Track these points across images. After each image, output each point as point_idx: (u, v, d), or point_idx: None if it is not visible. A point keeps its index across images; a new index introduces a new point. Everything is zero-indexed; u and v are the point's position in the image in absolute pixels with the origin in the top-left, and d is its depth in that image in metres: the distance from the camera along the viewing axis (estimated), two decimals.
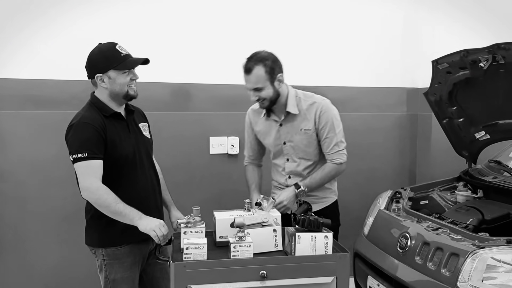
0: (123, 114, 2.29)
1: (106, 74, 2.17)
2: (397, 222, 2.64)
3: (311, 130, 2.56)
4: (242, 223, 2.00)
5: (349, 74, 3.78)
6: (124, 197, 2.09)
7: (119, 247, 2.20)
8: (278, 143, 2.64)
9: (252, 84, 2.44)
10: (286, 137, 2.61)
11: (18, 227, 3.21)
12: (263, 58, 2.43)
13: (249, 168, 2.80)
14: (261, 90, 2.45)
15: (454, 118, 3.10)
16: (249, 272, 1.90)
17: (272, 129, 2.65)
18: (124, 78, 2.18)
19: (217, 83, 3.51)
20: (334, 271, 1.97)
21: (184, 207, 2.40)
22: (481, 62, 2.58)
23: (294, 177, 2.63)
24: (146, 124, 2.43)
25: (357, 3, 3.78)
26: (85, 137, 2.09)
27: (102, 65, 2.17)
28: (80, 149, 2.07)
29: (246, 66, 2.45)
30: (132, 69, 2.21)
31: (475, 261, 2.06)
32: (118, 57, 2.16)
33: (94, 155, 2.08)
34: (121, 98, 2.22)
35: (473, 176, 3.03)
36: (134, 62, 2.20)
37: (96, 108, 2.20)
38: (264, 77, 2.42)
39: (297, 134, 2.58)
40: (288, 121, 2.59)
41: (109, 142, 2.14)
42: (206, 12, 3.45)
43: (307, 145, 2.58)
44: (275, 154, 2.69)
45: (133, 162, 2.23)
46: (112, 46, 2.18)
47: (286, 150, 2.63)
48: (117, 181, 2.16)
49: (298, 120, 2.57)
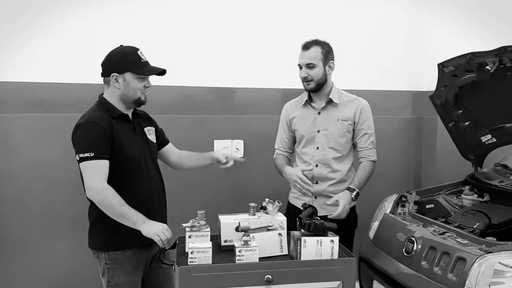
0: (130, 117, 2.30)
1: (122, 75, 2.17)
2: (403, 226, 2.62)
3: (347, 122, 2.68)
4: (247, 227, 1.99)
5: (354, 77, 3.77)
6: (128, 199, 2.08)
7: (122, 252, 2.18)
8: (312, 130, 2.70)
9: (306, 60, 2.61)
10: (321, 125, 2.69)
11: (22, 230, 3.21)
12: (322, 42, 2.65)
13: (279, 156, 2.83)
14: (313, 68, 2.60)
15: (460, 121, 3.08)
16: (254, 276, 1.89)
17: (309, 116, 2.72)
18: (138, 84, 2.19)
19: (222, 86, 3.51)
20: (340, 275, 1.95)
21: (189, 211, 2.39)
22: (488, 65, 2.57)
23: (322, 166, 2.68)
24: (152, 128, 2.42)
25: (362, 6, 3.77)
26: (92, 137, 2.09)
27: (121, 66, 2.17)
28: (87, 148, 2.07)
29: (305, 44, 2.63)
30: (148, 76, 2.22)
31: (482, 266, 2.04)
32: (138, 61, 2.18)
33: (101, 155, 2.08)
34: (131, 102, 2.22)
35: (479, 180, 3.01)
36: (152, 70, 2.22)
37: (104, 109, 2.20)
38: (319, 57, 2.60)
39: (333, 123, 2.67)
40: (327, 110, 2.70)
41: (116, 143, 2.14)
42: (211, 15, 3.45)
43: (340, 135, 2.67)
44: (306, 142, 2.72)
45: (139, 165, 2.23)
46: (134, 50, 2.20)
47: (318, 138, 2.69)
48: (123, 183, 2.15)
49: (337, 110, 2.69)
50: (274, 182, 2.97)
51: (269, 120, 3.20)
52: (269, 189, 2.85)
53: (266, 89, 3.60)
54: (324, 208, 2.63)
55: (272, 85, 3.59)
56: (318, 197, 2.67)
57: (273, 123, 2.94)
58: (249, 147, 3.55)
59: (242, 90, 3.56)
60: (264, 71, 3.59)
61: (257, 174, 3.57)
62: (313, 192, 2.67)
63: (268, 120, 3.30)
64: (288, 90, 3.33)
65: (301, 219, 2.06)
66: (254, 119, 3.59)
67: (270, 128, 3.00)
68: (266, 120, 3.44)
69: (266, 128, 3.27)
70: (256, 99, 3.59)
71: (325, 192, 2.66)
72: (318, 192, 2.67)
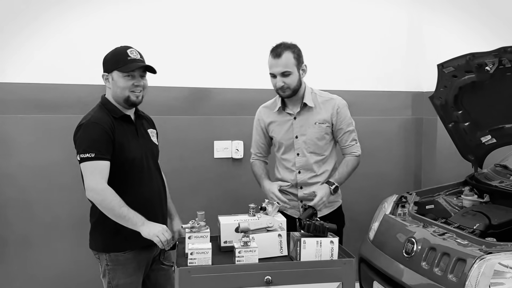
0: (133, 118, 2.29)
1: (110, 75, 2.18)
2: (402, 227, 2.62)
3: (325, 124, 2.63)
4: (247, 228, 1.99)
5: (353, 78, 3.77)
6: (129, 200, 2.08)
7: (123, 253, 2.18)
8: (290, 136, 2.66)
9: (281, 68, 2.51)
10: (299, 130, 2.64)
11: (23, 231, 3.21)
12: (291, 45, 2.55)
13: (256, 163, 2.81)
14: (288, 75, 2.52)
15: (460, 122, 3.08)
16: (254, 277, 1.89)
17: (285, 122, 2.68)
18: (125, 82, 2.16)
19: (222, 87, 3.51)
20: (339, 276, 1.95)
21: (189, 212, 2.39)
22: (487, 65, 2.57)
23: (305, 172, 2.65)
24: (154, 131, 2.42)
25: (361, 7, 3.77)
26: (94, 137, 2.09)
27: (109, 65, 2.19)
28: (88, 149, 2.07)
29: (276, 51, 2.53)
30: (133, 72, 2.17)
31: (482, 267, 2.04)
32: (124, 59, 2.16)
33: (102, 156, 2.08)
34: (122, 102, 2.21)
35: (479, 181, 3.01)
36: (134, 65, 2.17)
37: (106, 109, 2.20)
38: (292, 62, 2.52)
39: (311, 127, 2.63)
40: (303, 114, 2.64)
41: (117, 144, 2.14)
42: (210, 16, 3.45)
43: (319, 139, 2.63)
44: (286, 148, 2.69)
45: (140, 166, 2.22)
46: (124, 49, 2.19)
47: (297, 144, 2.65)
48: (124, 184, 2.15)
49: (313, 113, 2.64)
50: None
51: None
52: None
53: (266, 90, 3.56)
54: None
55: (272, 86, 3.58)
56: (304, 201, 2.59)
57: None
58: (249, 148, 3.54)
59: (242, 91, 3.55)
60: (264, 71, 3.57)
61: None
62: (299, 197, 2.65)
63: None
64: None
65: (301, 220, 2.06)
66: None
67: None
68: None
69: None
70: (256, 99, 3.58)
71: (310, 196, 2.56)
72: (303, 197, 2.61)
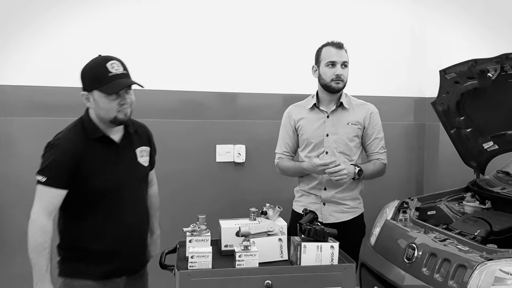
0: (117, 138, 2.04)
1: (91, 94, 1.92)
2: (404, 233, 2.62)
3: (357, 125, 2.65)
4: (248, 232, 1.99)
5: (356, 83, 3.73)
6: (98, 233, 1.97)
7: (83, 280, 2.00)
8: (320, 134, 2.66)
9: (344, 58, 2.59)
10: (330, 129, 2.64)
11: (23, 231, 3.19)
12: None
13: (284, 158, 2.78)
14: (346, 67, 2.61)
15: (462, 128, 3.08)
16: (254, 281, 1.89)
17: (317, 120, 2.68)
18: (109, 103, 1.89)
19: (224, 91, 3.52)
20: (340, 281, 1.94)
21: (190, 215, 2.39)
22: (489, 72, 2.57)
23: None
24: (146, 149, 2.16)
25: (365, 13, 3.78)
26: (51, 161, 1.88)
27: (88, 83, 1.92)
28: (42, 172, 1.88)
29: (337, 43, 2.61)
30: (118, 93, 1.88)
31: (483, 273, 2.03)
32: (104, 76, 1.87)
33: (55, 183, 1.88)
34: (108, 122, 1.95)
35: (481, 187, 3.01)
36: (118, 86, 1.88)
37: (83, 128, 1.97)
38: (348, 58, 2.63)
39: (343, 127, 2.64)
40: (336, 114, 2.66)
41: (84, 171, 1.92)
42: (214, 20, 3.47)
43: (350, 139, 2.63)
44: (314, 146, 2.66)
45: (114, 196, 2.00)
46: (103, 63, 1.89)
47: (327, 142, 2.64)
48: (91, 215, 1.98)
49: (346, 114, 2.66)
50: (275, 187, 2.97)
51: (271, 125, 3.20)
52: (270, 194, 2.85)
53: (269, 94, 3.61)
54: (333, 215, 2.63)
55: (274, 90, 3.60)
56: (327, 203, 2.64)
57: (275, 128, 2.94)
58: (251, 152, 3.56)
59: (244, 95, 3.57)
60: (267, 76, 3.59)
61: (259, 179, 3.57)
62: (322, 198, 2.65)
63: (270, 125, 3.29)
64: (290, 95, 3.34)
65: (302, 224, 2.06)
66: (256, 124, 3.60)
67: (272, 133, 3.00)
68: (268, 125, 3.44)
69: (268, 133, 3.27)
70: (259, 104, 3.60)
71: (333, 198, 2.62)
72: (326, 198, 2.63)
